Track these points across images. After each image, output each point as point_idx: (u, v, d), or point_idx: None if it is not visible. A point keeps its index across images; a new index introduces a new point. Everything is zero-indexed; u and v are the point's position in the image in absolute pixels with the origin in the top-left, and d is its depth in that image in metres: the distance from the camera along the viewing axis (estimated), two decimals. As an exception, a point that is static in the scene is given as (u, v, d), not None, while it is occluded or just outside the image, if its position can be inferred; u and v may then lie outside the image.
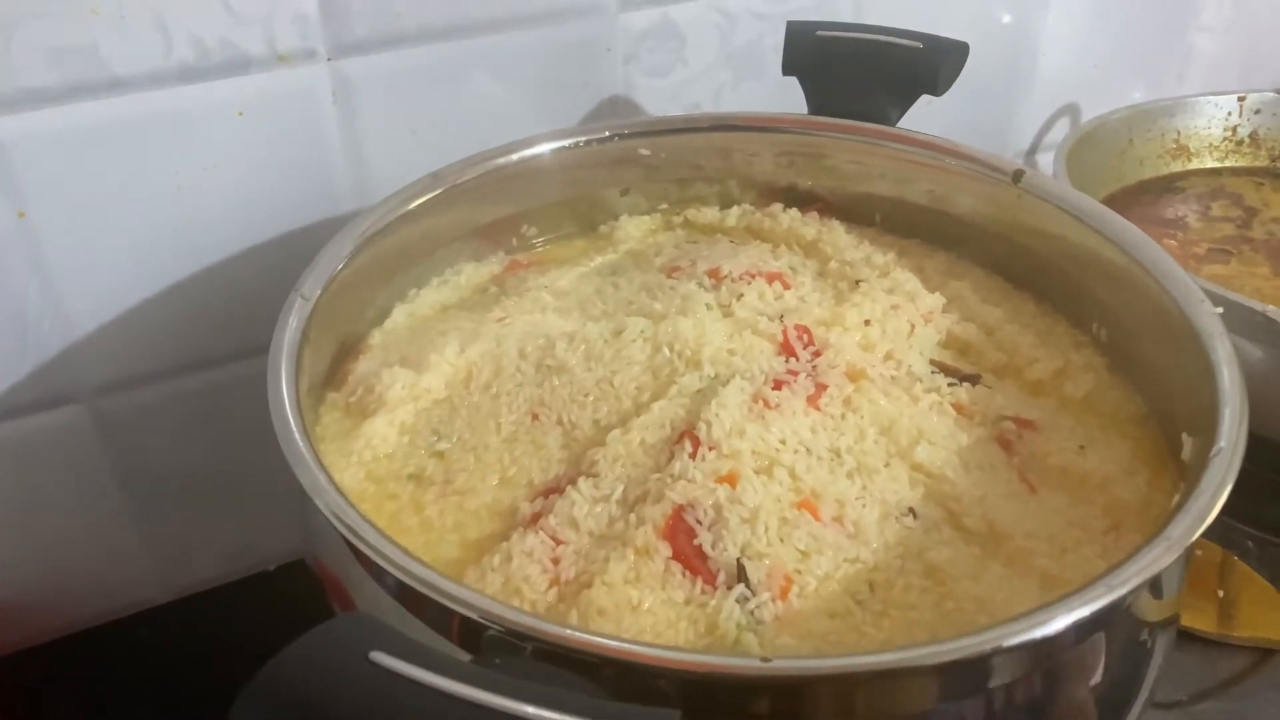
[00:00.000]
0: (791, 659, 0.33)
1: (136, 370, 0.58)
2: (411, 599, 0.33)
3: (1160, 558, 0.34)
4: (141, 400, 0.59)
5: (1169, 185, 0.77)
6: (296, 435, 0.37)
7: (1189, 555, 0.40)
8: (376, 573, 0.33)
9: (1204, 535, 0.56)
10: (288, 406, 0.38)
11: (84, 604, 0.63)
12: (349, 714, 0.25)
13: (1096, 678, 0.36)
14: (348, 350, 0.51)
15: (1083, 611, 0.32)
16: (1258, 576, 0.59)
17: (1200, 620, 0.56)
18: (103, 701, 0.59)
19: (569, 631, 0.30)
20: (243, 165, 0.56)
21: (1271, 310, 0.52)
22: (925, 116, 0.59)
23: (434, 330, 0.52)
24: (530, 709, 0.23)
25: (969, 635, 0.31)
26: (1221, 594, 0.58)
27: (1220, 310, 0.44)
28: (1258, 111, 0.80)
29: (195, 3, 0.51)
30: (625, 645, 0.30)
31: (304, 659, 0.26)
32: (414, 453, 0.46)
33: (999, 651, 0.31)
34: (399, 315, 0.54)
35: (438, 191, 0.53)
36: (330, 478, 0.35)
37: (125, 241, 0.55)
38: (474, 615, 0.31)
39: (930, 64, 0.56)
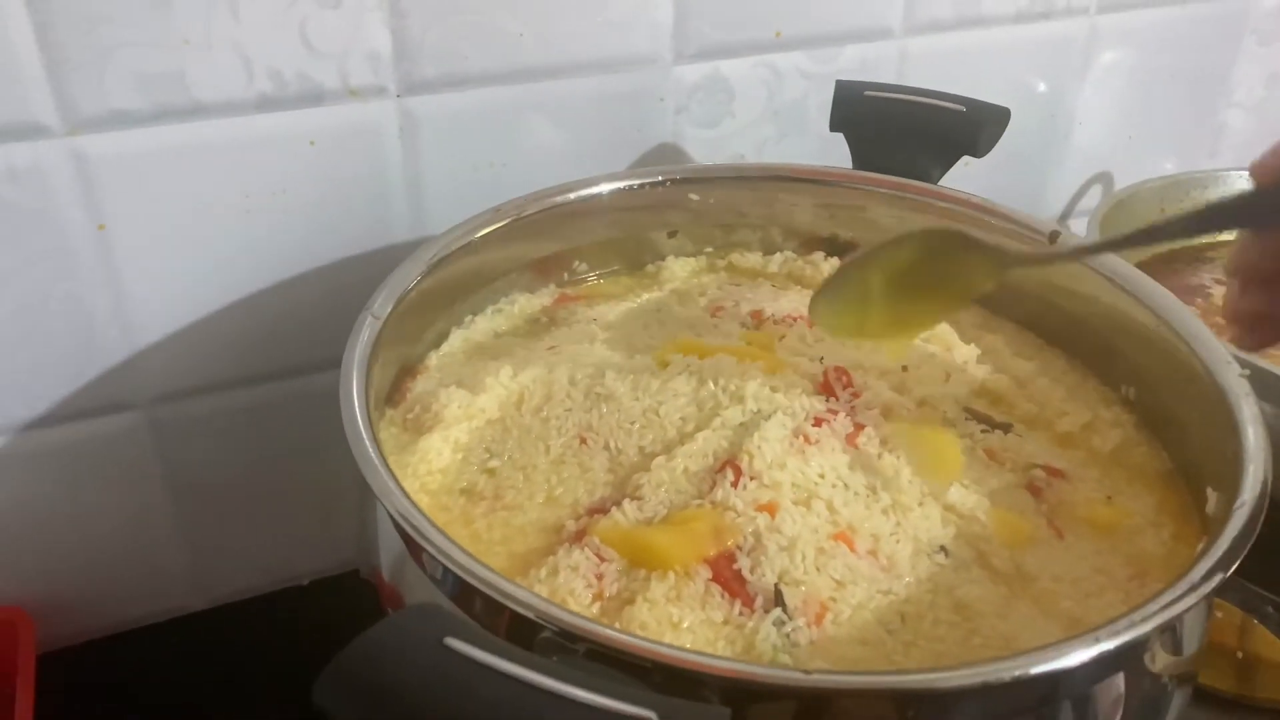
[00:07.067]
0: (829, 673, 0.34)
1: (194, 381, 0.60)
2: (469, 598, 0.34)
3: (1182, 599, 0.35)
4: (197, 410, 0.61)
5: (1199, 255, 0.79)
6: (367, 442, 0.39)
7: (1209, 608, 0.42)
8: (438, 572, 0.35)
9: (1224, 598, 0.57)
10: (359, 416, 0.40)
11: (127, 606, 0.65)
12: (424, 697, 0.26)
13: (1116, 721, 0.38)
14: (407, 371, 0.54)
15: (1105, 646, 0.33)
16: (1277, 640, 0.60)
17: (1219, 680, 0.57)
18: (136, 704, 0.60)
19: (625, 636, 0.31)
20: (310, 191, 0.58)
21: (1296, 377, 0.54)
22: (963, 178, 0.61)
23: (488, 355, 0.55)
24: (598, 699, 0.25)
25: (995, 661, 0.33)
26: (1240, 655, 0.59)
27: (1247, 372, 0.45)
28: (1286, 187, 0.81)
29: (277, 38, 0.54)
30: (681, 652, 0.31)
31: (380, 644, 0.28)
32: (466, 469, 0.48)
33: (1023, 680, 0.33)
34: (455, 340, 0.57)
35: (500, 224, 0.55)
36: (398, 482, 0.37)
37: (195, 258, 0.57)
38: (531, 615, 0.33)
39: (972, 127, 0.58)
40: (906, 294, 0.46)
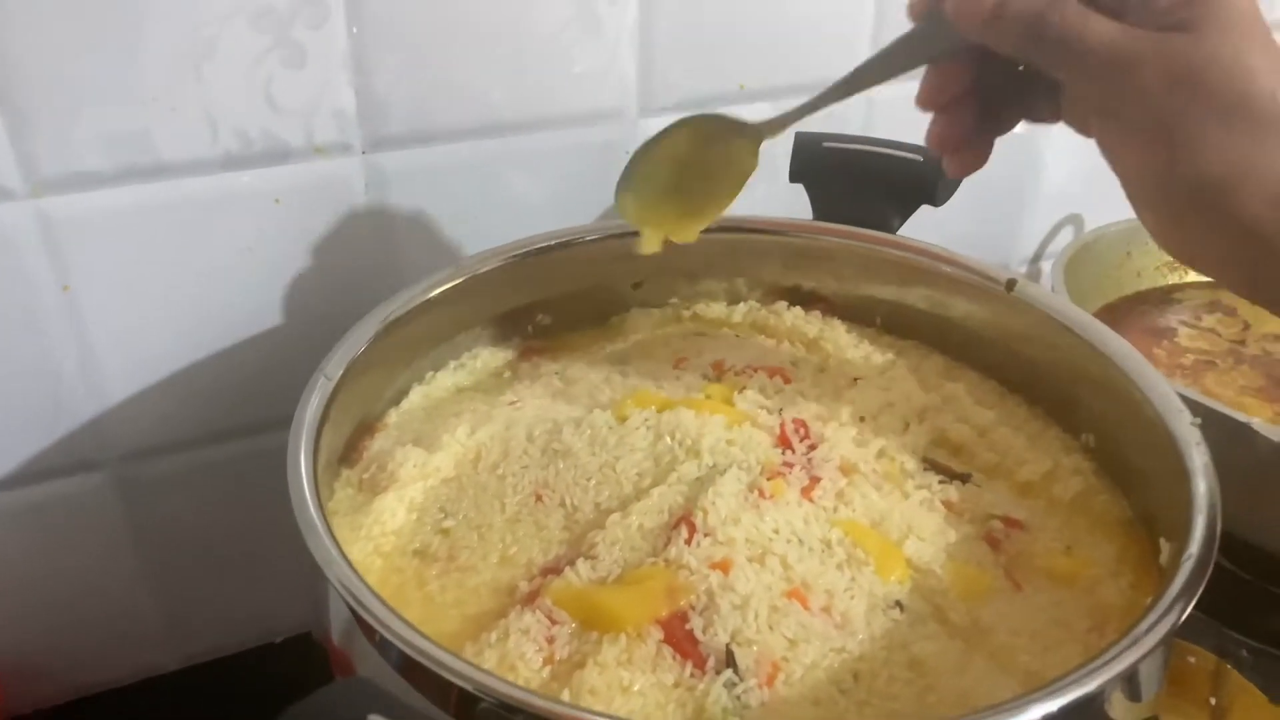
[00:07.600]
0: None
1: (161, 440, 0.60)
2: (412, 670, 0.34)
3: (1127, 654, 0.35)
4: (163, 469, 0.61)
5: (1166, 296, 0.80)
6: (311, 509, 0.39)
7: (1166, 656, 0.42)
8: (380, 643, 0.35)
9: (1195, 641, 0.56)
10: (305, 481, 0.40)
11: (98, 667, 0.65)
12: (346, 773, 0.26)
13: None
14: (365, 428, 0.54)
15: (1051, 705, 0.33)
16: (1250, 686, 0.59)
17: (1192, 726, 0.57)
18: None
19: (561, 707, 0.31)
20: (276, 249, 0.59)
21: (1256, 423, 0.54)
22: (935, 223, 0.61)
23: (448, 412, 0.55)
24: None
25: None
26: (1214, 701, 0.59)
27: (1198, 421, 0.45)
28: (1252, 228, 0.82)
29: (241, 96, 0.54)
30: (612, 722, 0.31)
31: (307, 718, 0.28)
32: (421, 529, 0.47)
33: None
34: (415, 396, 0.57)
35: (459, 280, 0.55)
36: (341, 550, 0.37)
37: (162, 316, 0.58)
38: (470, 688, 0.32)
39: (929, 176, 0.59)
40: (694, 183, 0.51)
